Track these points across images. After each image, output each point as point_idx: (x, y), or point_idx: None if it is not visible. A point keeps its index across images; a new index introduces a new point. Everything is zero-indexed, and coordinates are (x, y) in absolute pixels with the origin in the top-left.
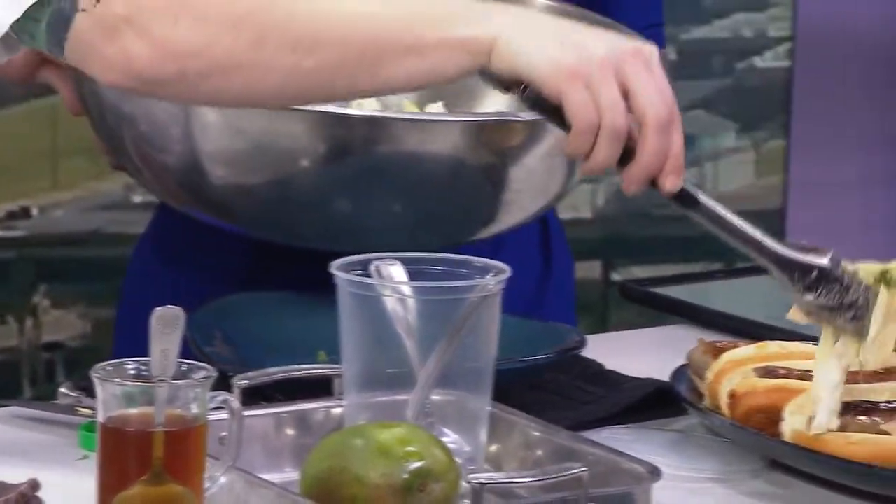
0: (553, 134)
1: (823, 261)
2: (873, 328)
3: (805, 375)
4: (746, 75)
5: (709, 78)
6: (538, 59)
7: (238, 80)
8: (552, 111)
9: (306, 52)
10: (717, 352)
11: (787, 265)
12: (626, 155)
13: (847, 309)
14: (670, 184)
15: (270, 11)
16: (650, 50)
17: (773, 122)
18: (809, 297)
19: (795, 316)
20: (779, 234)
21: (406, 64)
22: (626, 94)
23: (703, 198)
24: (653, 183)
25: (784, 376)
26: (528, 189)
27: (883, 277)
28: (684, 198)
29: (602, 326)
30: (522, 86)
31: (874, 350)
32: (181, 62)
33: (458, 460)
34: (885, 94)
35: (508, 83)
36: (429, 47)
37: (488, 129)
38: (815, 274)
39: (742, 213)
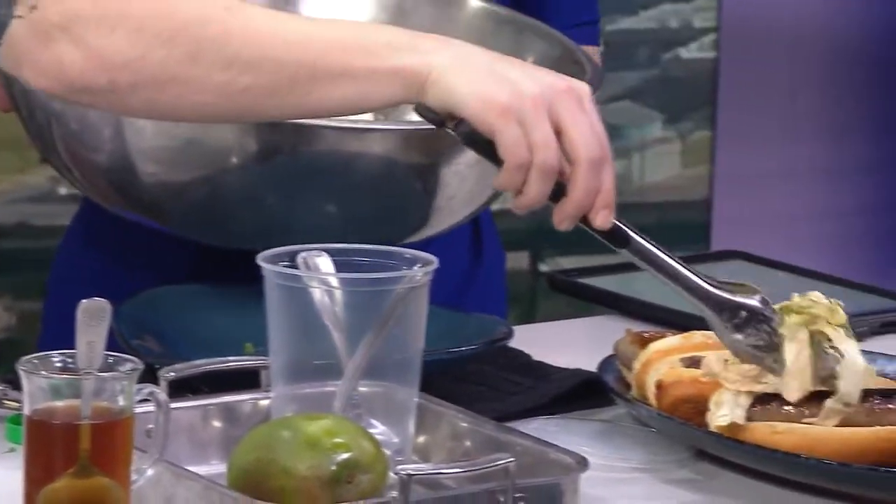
0: None
1: (753, 301)
2: (788, 359)
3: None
4: (672, 66)
5: (635, 69)
6: (471, 95)
7: (169, 95)
8: (485, 147)
9: (240, 71)
10: (644, 342)
11: (716, 305)
12: (558, 191)
13: (776, 349)
14: (601, 220)
15: (206, 28)
16: (582, 88)
17: (699, 113)
18: (738, 336)
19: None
20: (705, 224)
21: (338, 90)
22: (558, 132)
23: (634, 236)
24: (584, 219)
25: None
26: (459, 194)
27: (783, 308)
28: (615, 235)
29: (530, 317)
30: (456, 121)
31: (794, 379)
32: (113, 73)
33: (386, 452)
34: (810, 84)
35: (442, 118)
36: (362, 75)
37: (418, 138)
38: (744, 314)
39: (668, 204)
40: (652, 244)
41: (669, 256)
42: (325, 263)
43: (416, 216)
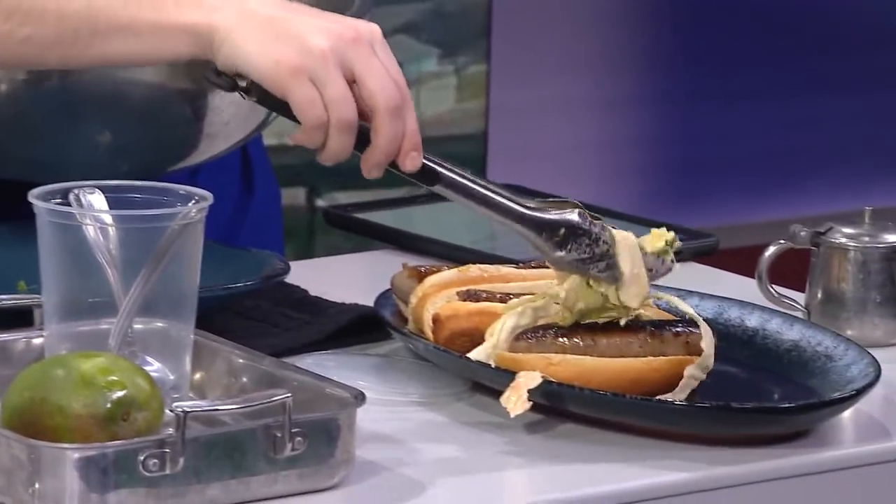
0: None
1: (570, 216)
2: (623, 266)
3: (506, 298)
4: (446, 0)
5: (408, 2)
6: (259, 58)
7: None
8: (281, 107)
9: (20, 22)
10: (420, 276)
11: (534, 226)
12: (363, 139)
13: (599, 259)
14: (410, 164)
15: None
16: (373, 30)
17: (473, 47)
18: (561, 253)
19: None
20: (481, 157)
21: (120, 43)
22: (353, 82)
23: (444, 171)
24: (392, 163)
25: (486, 300)
26: (231, 118)
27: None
28: (425, 174)
29: (307, 253)
30: (247, 83)
31: (633, 288)
32: None
33: (162, 389)
34: (585, 17)
35: (233, 81)
36: (145, 29)
37: (188, 64)
38: (563, 231)
39: (444, 139)
40: (462, 175)
41: (481, 185)
42: (98, 200)
43: (187, 141)
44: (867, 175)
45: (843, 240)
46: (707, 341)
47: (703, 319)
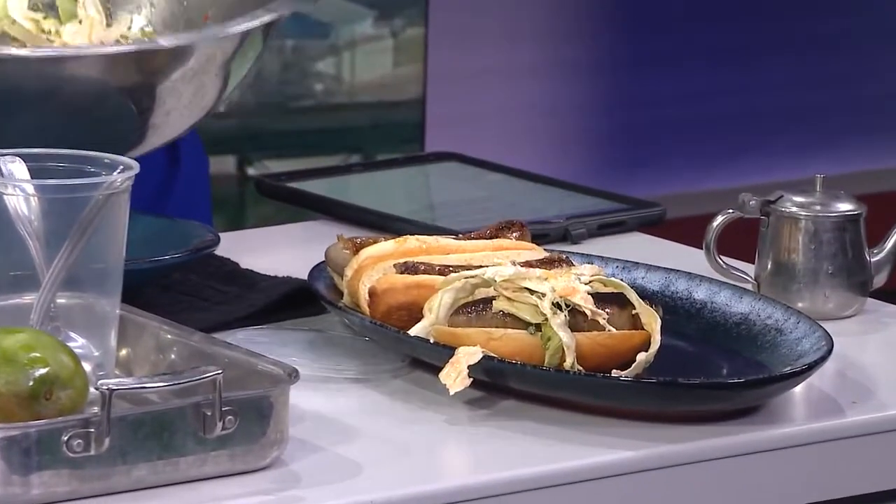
0: (201, 52)
1: None
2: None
3: (445, 271)
4: None
5: None
6: None
7: None
8: None
9: None
10: (356, 248)
11: None
12: None
13: None
14: None
15: None
16: None
17: (411, 10)
18: None
19: None
20: (419, 124)
21: None
22: None
23: None
24: None
25: (424, 272)
26: (177, 109)
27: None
28: None
29: (238, 223)
30: None
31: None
32: None
33: (87, 366)
34: None
35: None
36: None
37: (129, 59)
38: None
39: (381, 104)
40: None
41: None
42: (19, 169)
43: (132, 136)
44: (819, 142)
45: (794, 209)
46: (656, 326)
47: (650, 292)
